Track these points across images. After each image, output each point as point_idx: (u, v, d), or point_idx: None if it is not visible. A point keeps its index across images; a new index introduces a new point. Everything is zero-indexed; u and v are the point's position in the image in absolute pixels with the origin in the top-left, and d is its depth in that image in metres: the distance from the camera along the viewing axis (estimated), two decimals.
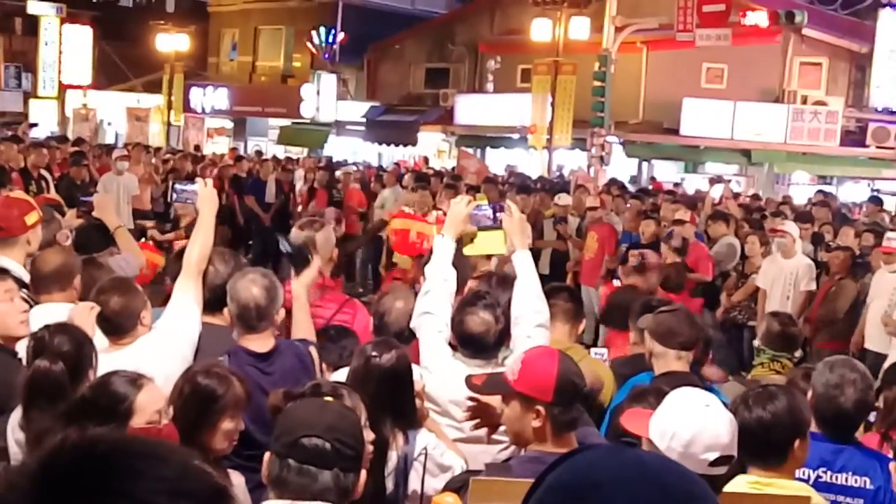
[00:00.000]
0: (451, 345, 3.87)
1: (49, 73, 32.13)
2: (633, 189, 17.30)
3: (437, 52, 29.85)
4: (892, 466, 3.09)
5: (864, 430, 4.08)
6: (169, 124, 31.12)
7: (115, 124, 32.26)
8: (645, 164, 24.86)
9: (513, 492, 1.14)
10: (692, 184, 20.81)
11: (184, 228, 7.77)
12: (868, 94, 22.52)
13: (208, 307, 3.99)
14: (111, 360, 3.35)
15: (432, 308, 3.92)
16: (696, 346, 4.07)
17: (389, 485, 3.27)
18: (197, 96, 31.75)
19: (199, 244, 4.07)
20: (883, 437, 4.06)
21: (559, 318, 4.48)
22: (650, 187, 18.22)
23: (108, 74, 33.80)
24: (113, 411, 2.81)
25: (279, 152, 26.12)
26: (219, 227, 13.32)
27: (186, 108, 31.45)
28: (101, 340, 3.67)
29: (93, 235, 5.66)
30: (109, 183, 12.21)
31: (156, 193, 13.40)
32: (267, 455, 2.47)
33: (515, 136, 24.23)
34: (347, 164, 20.39)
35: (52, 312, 3.84)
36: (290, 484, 2.40)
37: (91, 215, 5.89)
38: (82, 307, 3.72)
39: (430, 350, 3.85)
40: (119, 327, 3.77)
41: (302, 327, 4.16)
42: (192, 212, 8.34)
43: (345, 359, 3.73)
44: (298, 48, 30.98)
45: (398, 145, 27.89)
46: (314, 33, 29.37)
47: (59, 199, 7.43)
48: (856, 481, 3.43)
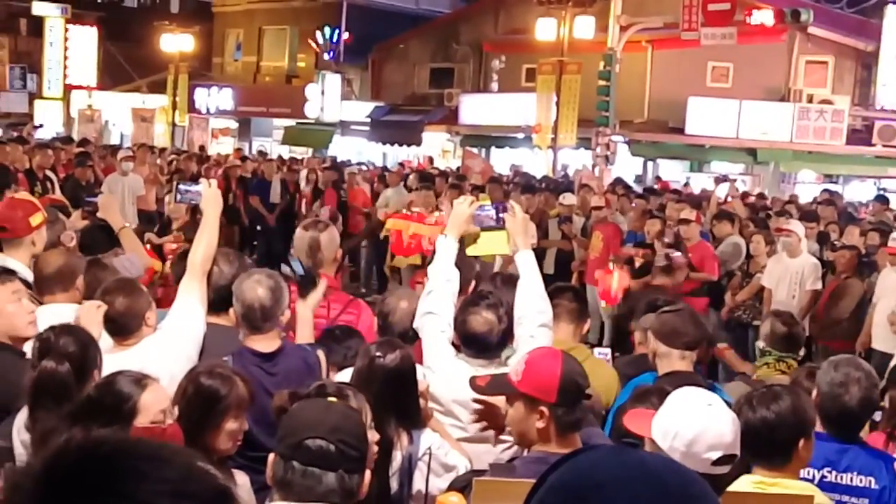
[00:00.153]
0: (454, 345, 3.87)
1: (54, 74, 32.18)
2: (638, 188, 17.29)
3: (441, 52, 29.85)
4: None
5: (870, 430, 4.08)
6: (174, 125, 31.16)
7: (119, 125, 32.29)
8: (650, 164, 24.84)
9: (516, 492, 1.14)
10: (698, 183, 20.79)
11: (175, 231, 7.75)
12: (874, 92, 22.48)
13: (213, 307, 3.99)
14: (116, 361, 3.36)
15: (435, 308, 3.91)
16: (700, 346, 4.06)
17: (394, 485, 3.27)
18: (201, 97, 31.79)
19: (204, 245, 4.06)
20: (888, 436, 4.05)
21: (563, 318, 4.48)
22: (656, 186, 18.19)
23: (112, 75, 33.84)
24: (117, 411, 2.81)
25: (284, 152, 26.13)
26: (227, 227, 13.30)
27: (191, 108, 31.48)
28: (106, 341, 3.68)
29: (98, 236, 5.67)
30: (114, 184, 12.24)
31: (161, 194, 13.41)
32: (271, 456, 2.47)
33: (520, 135, 24.22)
34: (351, 164, 20.40)
35: (56, 313, 3.85)
36: (295, 486, 2.40)
37: (96, 216, 5.90)
38: (89, 306, 3.72)
39: (433, 350, 3.85)
40: (124, 328, 3.77)
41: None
42: (184, 214, 8.37)
43: (349, 359, 3.73)
44: (303, 48, 31.01)
45: (403, 145, 27.90)
46: (318, 33, 29.39)
47: (64, 200, 7.44)
48: (861, 481, 3.42)
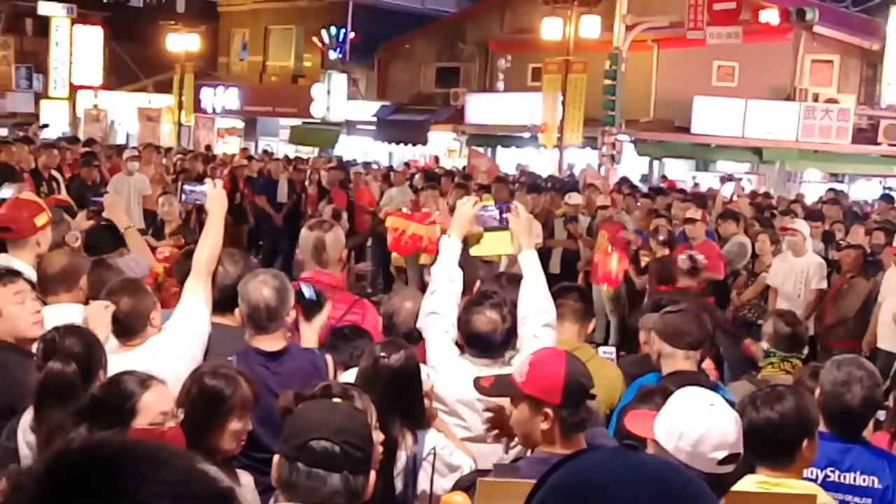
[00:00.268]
0: (457, 344, 3.87)
1: (60, 74, 32.20)
2: (644, 188, 17.27)
3: (447, 52, 29.85)
4: None
5: (874, 430, 4.07)
6: (179, 124, 31.19)
7: (125, 125, 32.33)
8: (656, 163, 24.81)
9: (520, 492, 1.15)
10: (704, 182, 20.77)
11: (168, 234, 7.74)
12: (880, 91, 22.44)
13: (218, 307, 3.99)
14: (121, 361, 3.36)
15: (438, 308, 3.92)
16: (704, 346, 4.06)
17: (399, 485, 3.27)
18: (207, 96, 31.82)
19: (209, 245, 4.06)
20: (892, 436, 4.05)
21: (568, 318, 4.49)
22: (663, 186, 18.17)
23: (118, 75, 33.88)
24: (117, 410, 2.82)
25: (290, 152, 26.15)
26: (234, 227, 13.22)
27: (197, 108, 31.52)
28: (111, 341, 3.68)
29: (103, 236, 5.67)
30: (120, 184, 12.24)
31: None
32: (276, 458, 2.47)
33: (526, 135, 24.22)
34: (357, 163, 20.41)
35: (61, 313, 3.86)
36: (300, 487, 2.40)
37: (101, 216, 5.91)
38: (97, 306, 3.73)
39: (437, 350, 3.85)
40: (129, 328, 3.78)
41: None
42: (177, 217, 8.36)
43: (355, 358, 3.74)
44: (309, 48, 31.02)
45: (409, 144, 27.91)
46: (323, 32, 29.41)
47: (70, 200, 7.45)
48: (864, 481, 3.42)
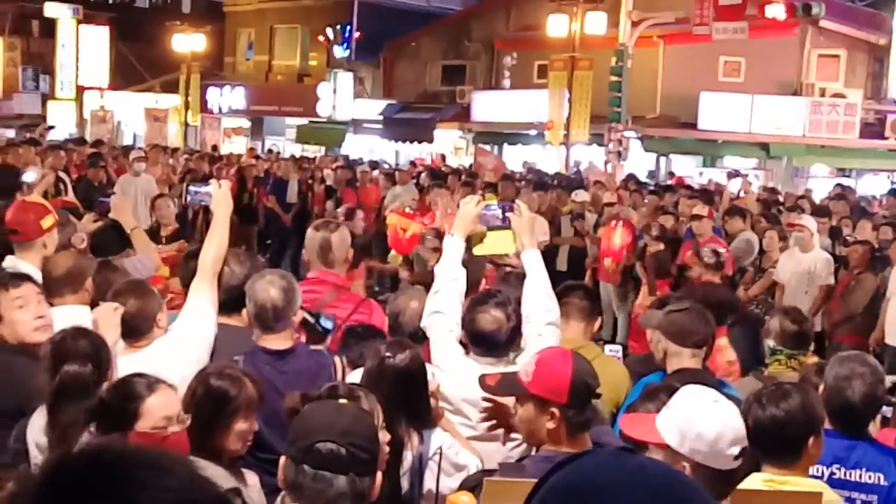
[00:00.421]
0: (462, 343, 3.87)
1: (66, 75, 32.30)
2: (651, 184, 17.25)
3: (453, 49, 29.85)
4: None
5: (881, 426, 4.06)
6: (186, 125, 31.25)
7: (132, 125, 32.41)
8: (663, 159, 24.78)
9: (526, 492, 1.16)
10: (711, 178, 20.73)
11: (164, 238, 7.74)
12: (887, 85, 22.38)
13: (224, 308, 3.99)
14: (127, 363, 3.38)
15: (442, 307, 3.92)
16: (709, 343, 4.05)
17: (405, 484, 3.27)
18: (214, 96, 31.88)
19: (215, 246, 4.06)
20: None
21: (574, 317, 4.48)
22: (670, 182, 18.14)
23: (125, 75, 33.97)
24: (120, 412, 2.83)
25: (296, 151, 26.17)
26: (246, 227, 13.18)
27: (203, 108, 31.57)
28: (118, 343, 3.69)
29: (109, 238, 5.69)
30: (127, 185, 12.26)
31: (173, 195, 13.42)
32: (282, 459, 2.48)
33: (532, 132, 24.20)
34: (363, 162, 20.41)
35: (68, 315, 3.86)
36: (306, 489, 2.40)
37: (108, 217, 5.92)
38: (106, 308, 3.74)
39: (442, 349, 3.85)
40: (135, 329, 3.78)
41: None
42: (174, 221, 8.35)
43: (364, 358, 3.74)
44: (314, 47, 31.05)
45: (415, 143, 27.92)
46: (329, 30, 29.42)
47: (76, 201, 7.47)
48: (870, 477, 3.42)
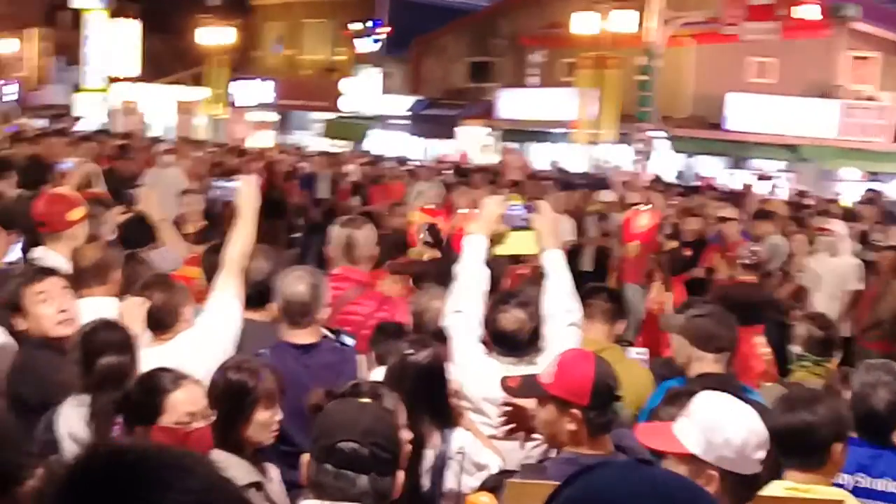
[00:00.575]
0: (484, 343, 3.87)
1: (95, 66, 32.55)
2: (678, 185, 17.15)
3: (480, 46, 29.81)
4: None
5: None
6: (214, 118, 31.42)
7: (160, 117, 32.62)
8: (690, 160, 24.64)
9: (547, 494, 1.16)
10: (739, 179, 20.60)
11: (192, 236, 7.63)
12: None
13: (249, 303, 4.01)
14: (152, 355, 3.40)
15: (464, 307, 3.93)
16: (732, 348, 4.02)
17: (426, 483, 3.28)
18: (241, 90, 32.03)
19: (241, 241, 4.07)
20: None
21: (598, 319, 4.47)
22: (698, 184, 18.02)
23: (153, 68, 34.21)
24: (145, 406, 2.87)
25: (323, 146, 26.24)
26: (274, 221, 13.13)
27: (230, 101, 31.71)
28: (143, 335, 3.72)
29: (138, 230, 5.73)
30: (154, 177, 12.31)
31: (201, 188, 13.47)
32: (305, 457, 2.51)
33: (559, 130, 24.13)
34: (389, 158, 20.42)
35: (94, 306, 3.90)
36: (328, 487, 2.43)
37: (136, 209, 5.97)
38: (132, 302, 3.78)
39: (463, 348, 3.86)
40: (161, 322, 3.81)
41: None
42: (200, 217, 8.28)
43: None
44: (342, 42, 31.12)
45: (441, 139, 27.92)
46: (357, 25, 29.47)
47: (106, 193, 7.51)
48: (895, 487, 3.39)
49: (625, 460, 2.62)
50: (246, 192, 4.30)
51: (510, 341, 3.76)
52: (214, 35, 31.70)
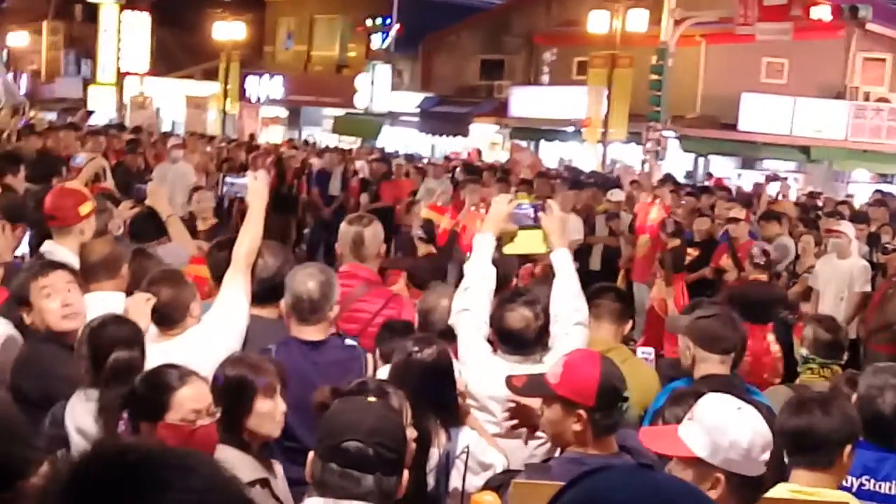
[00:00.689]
0: (490, 341, 3.87)
1: (108, 60, 32.62)
2: (688, 185, 17.11)
3: (492, 44, 29.77)
4: None
5: None
6: (224, 113, 31.46)
7: (171, 112, 32.67)
8: (701, 160, 24.58)
9: (551, 494, 1.17)
10: (749, 180, 20.54)
11: (203, 233, 7.56)
12: None
13: (257, 300, 4.00)
14: (159, 351, 3.41)
15: (471, 305, 3.93)
16: (738, 349, 4.02)
17: (431, 481, 3.28)
18: (252, 85, 32.04)
19: (249, 237, 4.07)
20: None
21: (605, 318, 4.47)
22: (709, 183, 17.97)
23: (165, 62, 34.26)
24: (151, 402, 2.87)
25: (333, 142, 26.24)
26: (284, 218, 13.07)
27: (242, 96, 31.75)
28: (150, 330, 3.72)
29: (146, 225, 5.74)
30: (164, 172, 12.34)
31: (210, 184, 13.49)
32: (311, 455, 2.51)
33: (570, 129, 24.09)
34: (398, 155, 20.42)
35: (102, 301, 3.90)
36: (333, 486, 2.44)
37: (144, 203, 5.98)
38: (138, 298, 3.77)
39: (469, 346, 3.86)
40: (168, 318, 3.81)
41: None
42: (211, 215, 8.24)
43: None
44: (354, 38, 31.11)
45: (451, 136, 27.90)
46: (368, 21, 29.46)
47: (114, 188, 7.52)
48: None
49: (628, 464, 2.61)
50: (256, 187, 4.31)
51: (516, 340, 3.77)
52: (226, 30, 31.72)
